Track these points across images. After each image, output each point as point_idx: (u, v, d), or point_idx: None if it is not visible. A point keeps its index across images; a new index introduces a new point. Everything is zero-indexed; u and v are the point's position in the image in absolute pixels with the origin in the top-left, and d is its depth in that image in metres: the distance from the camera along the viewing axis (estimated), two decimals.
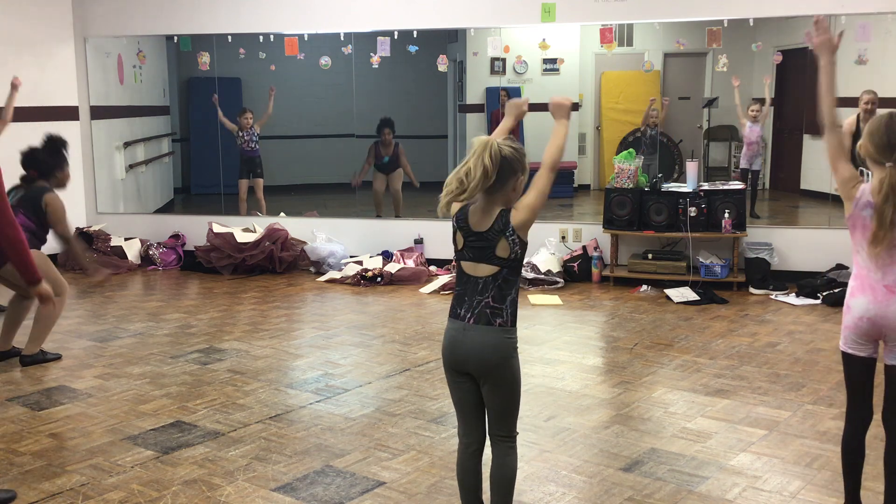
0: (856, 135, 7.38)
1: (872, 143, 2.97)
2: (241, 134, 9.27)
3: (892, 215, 2.89)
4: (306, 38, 8.41)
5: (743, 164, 8.87)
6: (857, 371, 3.12)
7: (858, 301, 3.03)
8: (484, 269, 2.86)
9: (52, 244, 5.57)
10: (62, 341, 5.78)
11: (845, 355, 3.14)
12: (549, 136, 2.94)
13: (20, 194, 5.38)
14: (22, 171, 5.40)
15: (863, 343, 3.07)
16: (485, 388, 2.91)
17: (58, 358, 5.47)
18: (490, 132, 3.02)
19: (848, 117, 7.55)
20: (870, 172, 3.09)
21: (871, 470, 3.71)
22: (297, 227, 8.56)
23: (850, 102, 8.55)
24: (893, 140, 2.91)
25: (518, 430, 2.99)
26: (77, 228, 5.42)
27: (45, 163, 5.43)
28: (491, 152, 2.77)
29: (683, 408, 4.52)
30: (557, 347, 5.60)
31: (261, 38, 8.48)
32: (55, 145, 5.52)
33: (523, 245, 2.85)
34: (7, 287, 5.47)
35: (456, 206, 2.94)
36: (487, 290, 2.85)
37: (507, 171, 2.81)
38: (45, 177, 5.44)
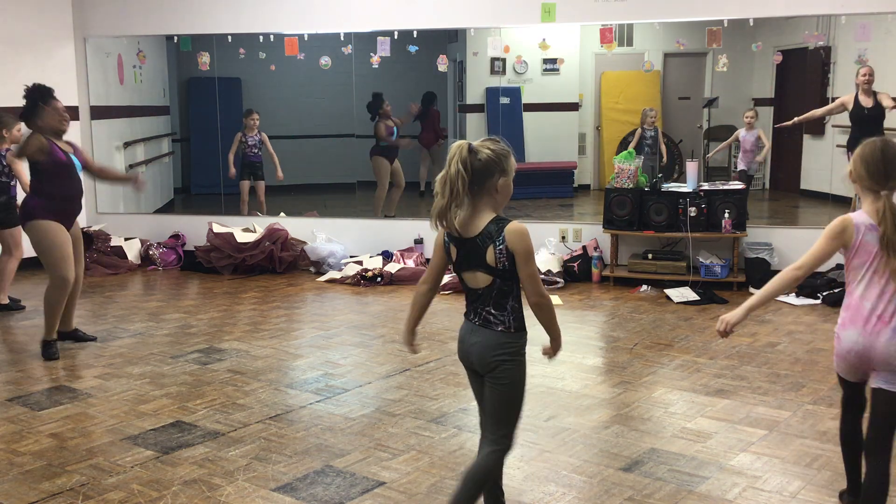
0: (851, 110, 7.37)
1: (867, 170, 2.91)
2: (245, 140, 9.24)
3: None
4: (306, 38, 8.41)
5: (741, 167, 8.86)
6: (849, 388, 3.18)
7: (848, 333, 2.98)
8: (480, 279, 2.85)
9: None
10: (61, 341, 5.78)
11: (838, 375, 3.16)
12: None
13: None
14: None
15: (852, 373, 3.08)
16: (485, 387, 2.95)
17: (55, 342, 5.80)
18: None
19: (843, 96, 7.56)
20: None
21: None
22: (297, 227, 8.56)
23: None
24: (890, 169, 2.88)
25: (512, 442, 2.95)
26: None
27: (24, 113, 5.56)
28: (461, 157, 2.74)
29: (683, 408, 4.52)
30: None
31: (261, 38, 8.48)
32: (31, 96, 5.54)
33: (511, 259, 2.77)
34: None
35: (443, 232, 2.90)
36: (488, 300, 2.86)
37: (483, 173, 2.78)
38: (28, 124, 5.59)
